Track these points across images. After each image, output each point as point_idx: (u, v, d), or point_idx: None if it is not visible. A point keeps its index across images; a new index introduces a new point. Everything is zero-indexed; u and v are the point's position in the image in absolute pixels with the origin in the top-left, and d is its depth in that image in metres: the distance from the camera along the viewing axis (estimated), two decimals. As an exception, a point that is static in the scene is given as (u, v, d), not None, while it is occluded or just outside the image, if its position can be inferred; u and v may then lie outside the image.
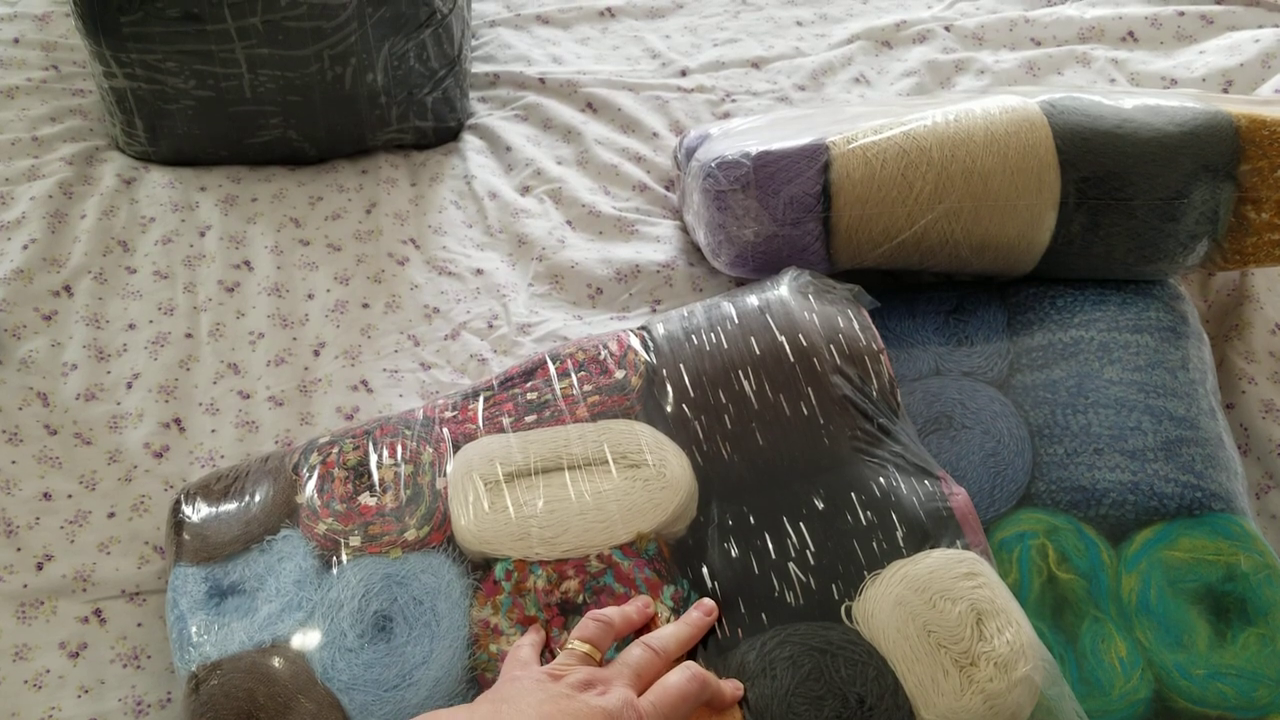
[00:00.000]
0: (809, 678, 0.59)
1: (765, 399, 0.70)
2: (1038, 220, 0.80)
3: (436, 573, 0.66)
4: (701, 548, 0.66)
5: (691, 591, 0.64)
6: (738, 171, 0.83)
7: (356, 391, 0.92)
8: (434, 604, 0.65)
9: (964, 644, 0.59)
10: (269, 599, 0.67)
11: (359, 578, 0.66)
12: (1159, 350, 0.79)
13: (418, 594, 0.65)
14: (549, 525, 0.66)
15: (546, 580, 0.65)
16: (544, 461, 0.69)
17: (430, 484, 0.70)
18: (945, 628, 0.59)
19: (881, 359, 0.71)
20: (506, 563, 0.65)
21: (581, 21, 1.31)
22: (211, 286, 0.99)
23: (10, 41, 1.19)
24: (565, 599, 0.64)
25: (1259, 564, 0.69)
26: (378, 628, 0.65)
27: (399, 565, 0.66)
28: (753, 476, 0.68)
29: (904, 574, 0.62)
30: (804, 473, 0.67)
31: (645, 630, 0.62)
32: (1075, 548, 0.71)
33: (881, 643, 0.60)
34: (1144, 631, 0.68)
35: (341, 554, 0.68)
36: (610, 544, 0.65)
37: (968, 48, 1.25)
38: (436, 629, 0.64)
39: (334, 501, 0.70)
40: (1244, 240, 0.82)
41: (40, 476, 0.83)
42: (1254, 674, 0.66)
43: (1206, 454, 0.75)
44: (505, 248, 1.05)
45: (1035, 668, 0.59)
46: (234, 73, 1.03)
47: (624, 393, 0.72)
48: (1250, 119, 0.80)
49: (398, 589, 0.65)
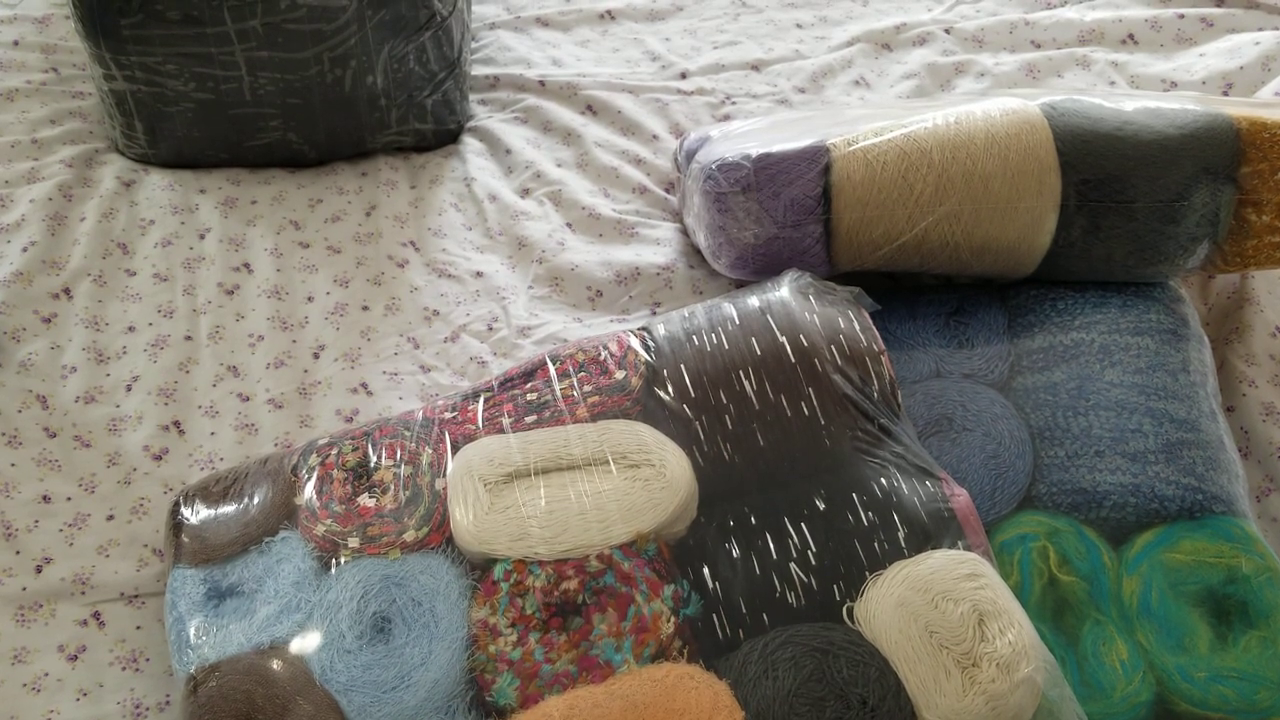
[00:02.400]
0: (811, 679, 0.58)
1: (766, 399, 0.70)
2: (1038, 223, 0.80)
3: (435, 573, 0.66)
4: (702, 548, 0.65)
5: (692, 592, 0.64)
6: (738, 174, 0.83)
7: (356, 394, 0.92)
8: (432, 605, 0.64)
9: (966, 645, 0.59)
10: (267, 600, 0.66)
11: (357, 579, 0.66)
12: (1160, 353, 0.79)
13: (416, 595, 0.65)
14: (548, 525, 0.66)
15: (545, 580, 0.64)
16: (544, 462, 0.69)
17: (429, 485, 0.70)
18: (947, 628, 0.59)
19: (883, 360, 0.71)
20: (505, 563, 0.65)
21: (581, 24, 1.31)
22: (211, 289, 0.99)
23: (10, 44, 1.19)
24: (565, 598, 0.64)
25: (1260, 567, 0.69)
26: (376, 629, 0.64)
27: (397, 566, 0.66)
28: (754, 477, 0.67)
29: (906, 575, 0.62)
30: (805, 473, 0.67)
31: (648, 632, 0.62)
32: (1076, 550, 0.71)
33: (883, 643, 0.60)
34: (1145, 634, 0.68)
35: (340, 555, 0.67)
36: (610, 544, 0.65)
37: (968, 50, 1.25)
38: (435, 630, 0.63)
39: (333, 503, 0.70)
40: (1244, 243, 0.82)
41: (40, 479, 0.83)
42: (1255, 676, 0.66)
43: (1207, 456, 0.74)
44: (505, 250, 1.05)
45: (1037, 669, 0.59)
46: (234, 75, 1.03)
47: (624, 393, 0.72)
48: (1251, 121, 0.80)
49: (396, 590, 0.65)
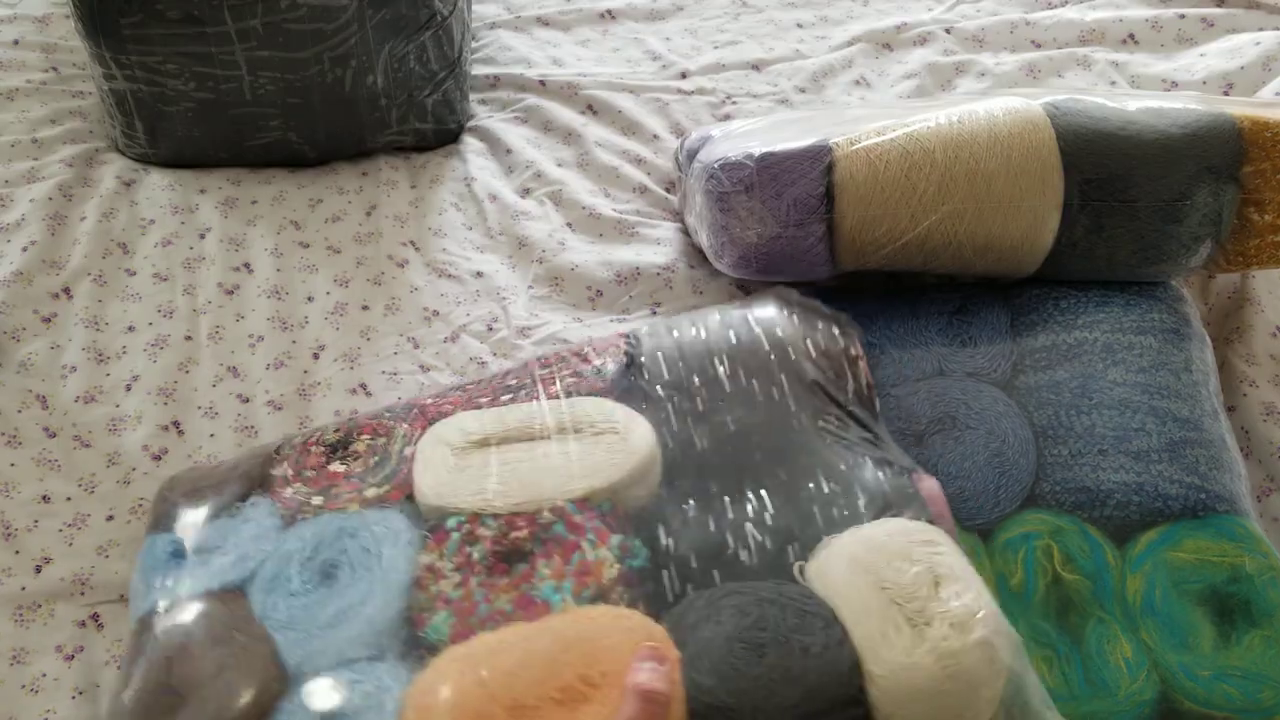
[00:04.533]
0: (755, 626, 0.56)
1: (739, 383, 0.69)
2: (1041, 222, 0.79)
3: (388, 523, 0.65)
4: (661, 514, 0.64)
5: (643, 548, 0.62)
6: (741, 173, 0.83)
7: (356, 395, 0.92)
8: (380, 550, 0.64)
9: (919, 603, 0.56)
10: (225, 554, 0.67)
11: (313, 531, 0.66)
12: (1162, 352, 0.79)
13: (366, 543, 0.64)
14: (506, 481, 0.65)
15: (497, 530, 0.63)
16: (512, 432, 0.68)
17: (399, 451, 0.70)
18: (900, 585, 0.56)
19: (860, 365, 0.71)
20: (460, 516, 0.64)
21: (582, 24, 1.31)
22: (211, 289, 0.99)
23: (10, 43, 1.18)
24: (513, 546, 0.63)
25: (1263, 566, 0.69)
26: (324, 575, 0.64)
27: (354, 519, 0.66)
28: (720, 455, 0.67)
29: (862, 535, 0.60)
30: (770, 452, 0.66)
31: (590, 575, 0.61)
32: (1080, 548, 0.70)
33: (832, 598, 0.57)
34: (1149, 632, 0.68)
35: (302, 513, 0.68)
36: (565, 498, 0.64)
37: (968, 50, 1.25)
38: (379, 573, 0.63)
39: (305, 470, 0.71)
40: (1246, 242, 0.82)
41: (39, 479, 0.83)
42: (1259, 676, 0.66)
43: (1210, 455, 0.74)
44: (505, 250, 1.04)
45: (998, 635, 0.55)
46: (234, 75, 1.03)
47: (599, 377, 0.72)
48: (1253, 121, 0.80)
49: (349, 540, 0.65)
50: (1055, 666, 0.67)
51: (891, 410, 0.78)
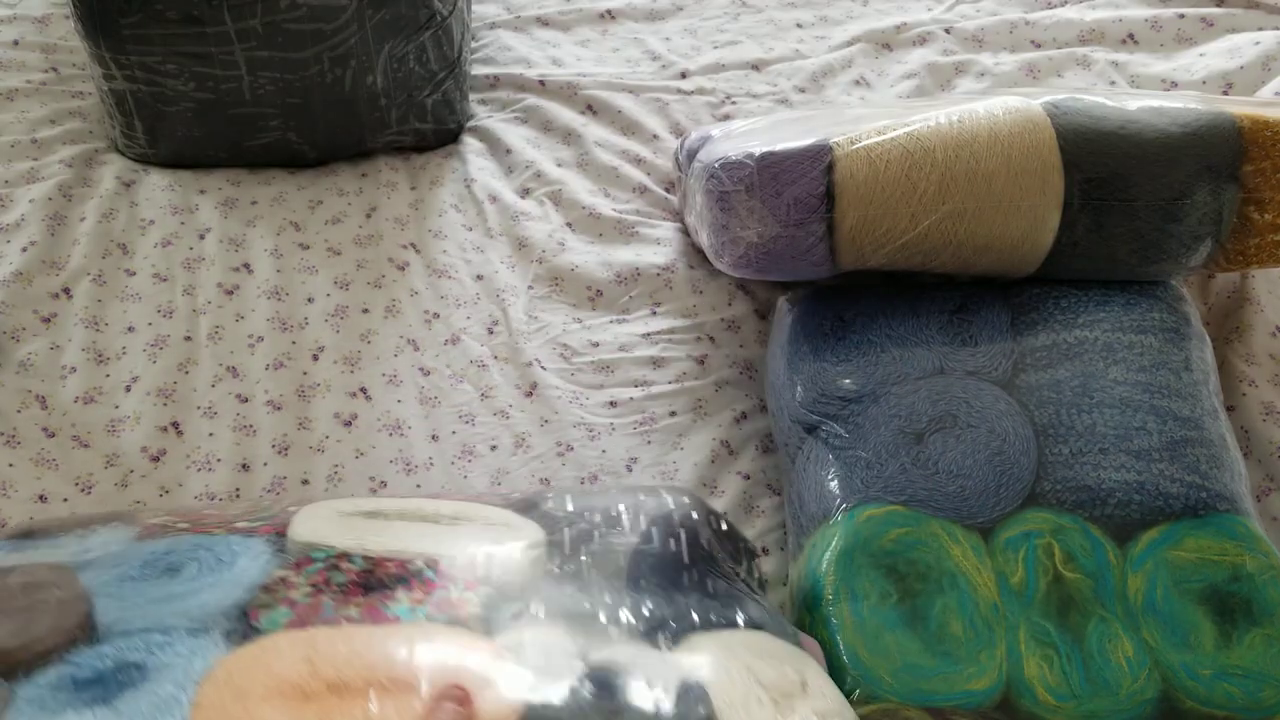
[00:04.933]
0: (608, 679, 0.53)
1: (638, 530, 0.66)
2: (1041, 221, 0.79)
3: (249, 545, 0.62)
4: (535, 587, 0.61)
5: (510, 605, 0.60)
6: (741, 172, 0.82)
7: (355, 398, 0.91)
8: (235, 561, 0.60)
9: (785, 689, 0.55)
10: (66, 546, 0.63)
11: (169, 542, 0.62)
12: (1163, 351, 0.79)
13: (222, 555, 0.61)
14: (384, 532, 0.63)
15: (363, 566, 0.60)
16: (408, 511, 0.67)
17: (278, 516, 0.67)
18: (768, 676, 0.55)
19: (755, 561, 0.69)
20: (329, 551, 0.61)
21: (581, 24, 1.31)
22: (211, 289, 0.99)
23: (10, 44, 1.18)
24: (376, 579, 0.60)
25: (1264, 565, 0.69)
26: (169, 569, 0.60)
27: (215, 538, 0.62)
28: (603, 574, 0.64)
29: (739, 634, 0.58)
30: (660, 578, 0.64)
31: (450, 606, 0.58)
32: (1081, 547, 0.70)
33: (699, 671, 0.55)
34: (1150, 631, 0.68)
35: (166, 533, 0.64)
36: (444, 555, 0.62)
37: (968, 50, 1.25)
38: (228, 574, 0.59)
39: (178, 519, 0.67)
40: (1247, 241, 0.82)
41: (37, 478, 0.83)
42: (1260, 675, 0.66)
43: (1211, 454, 0.74)
44: (505, 250, 1.04)
45: None
46: (234, 75, 1.03)
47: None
48: (1253, 120, 0.80)
49: (204, 552, 0.61)
50: (1056, 665, 0.67)
51: (892, 409, 0.78)
